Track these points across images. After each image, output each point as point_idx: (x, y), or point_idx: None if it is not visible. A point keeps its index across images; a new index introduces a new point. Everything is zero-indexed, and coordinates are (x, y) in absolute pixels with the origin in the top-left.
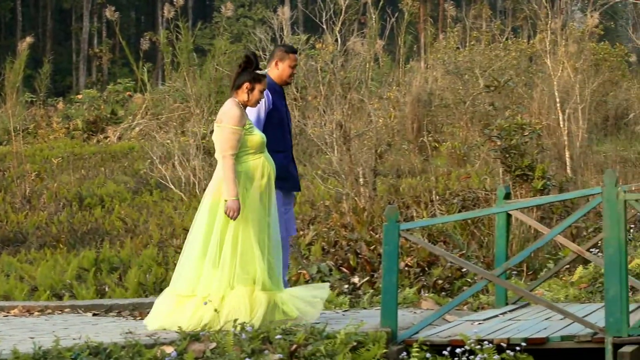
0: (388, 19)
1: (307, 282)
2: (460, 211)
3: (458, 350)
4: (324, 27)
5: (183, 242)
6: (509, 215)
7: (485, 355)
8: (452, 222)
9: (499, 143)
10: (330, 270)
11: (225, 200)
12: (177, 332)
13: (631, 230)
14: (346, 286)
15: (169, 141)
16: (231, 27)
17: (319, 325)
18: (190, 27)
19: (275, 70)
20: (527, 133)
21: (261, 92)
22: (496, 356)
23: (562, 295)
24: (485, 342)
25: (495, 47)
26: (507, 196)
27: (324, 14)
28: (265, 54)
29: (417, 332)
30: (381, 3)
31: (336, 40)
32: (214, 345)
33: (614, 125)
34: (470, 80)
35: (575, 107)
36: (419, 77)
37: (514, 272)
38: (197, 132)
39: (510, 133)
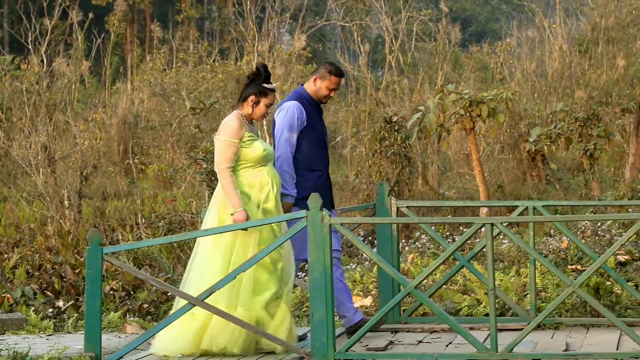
0: (94, 39)
1: (10, 305)
2: (166, 234)
3: None
4: (30, 47)
5: None
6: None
7: None
8: (158, 246)
9: (204, 166)
10: (35, 293)
11: (232, 214)
12: None
13: None
14: (50, 310)
15: None
16: None
17: (21, 350)
18: None
19: (312, 86)
20: None
21: (267, 106)
22: None
23: None
24: None
25: (202, 69)
26: None
27: (29, 34)
28: None
29: (121, 357)
30: (87, 24)
31: (42, 61)
32: None
33: None
34: (177, 102)
35: None
36: (125, 98)
37: None
38: None
39: None
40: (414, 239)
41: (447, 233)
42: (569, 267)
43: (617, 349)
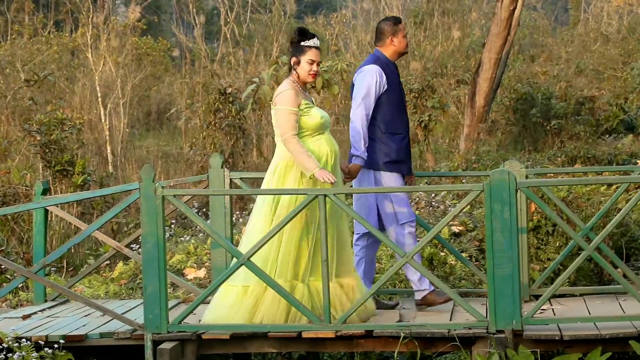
0: None
1: None
2: (0, 207)
3: None
4: None
5: None
6: (47, 211)
7: (24, 353)
8: None
9: (38, 138)
10: None
11: (311, 178)
12: None
13: (172, 226)
14: None
15: None
16: None
17: None
18: None
19: (392, 47)
20: (67, 128)
21: (309, 63)
22: (35, 354)
23: (102, 292)
24: (24, 340)
25: (37, 41)
26: (45, 192)
27: None
28: None
29: None
30: None
31: None
32: None
33: (157, 120)
34: (12, 74)
35: (117, 101)
36: None
37: (54, 269)
38: None
39: (50, 128)
40: (248, 210)
41: None
42: None
43: (450, 320)
